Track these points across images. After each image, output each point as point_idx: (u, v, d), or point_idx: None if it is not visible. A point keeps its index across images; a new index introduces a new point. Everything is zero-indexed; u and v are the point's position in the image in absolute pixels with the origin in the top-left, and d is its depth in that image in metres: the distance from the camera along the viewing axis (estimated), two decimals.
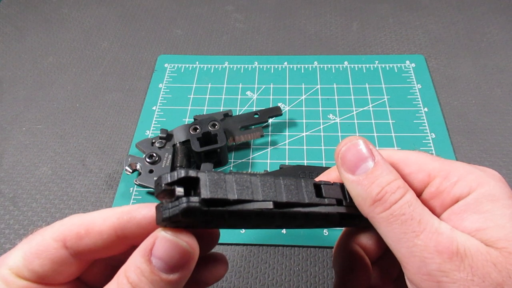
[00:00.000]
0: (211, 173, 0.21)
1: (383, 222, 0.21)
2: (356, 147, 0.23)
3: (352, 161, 0.23)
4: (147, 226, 0.22)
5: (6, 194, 0.42)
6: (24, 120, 0.49)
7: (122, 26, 0.61)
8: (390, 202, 0.21)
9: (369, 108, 0.48)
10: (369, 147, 0.23)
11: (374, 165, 0.22)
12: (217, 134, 0.41)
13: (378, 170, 0.22)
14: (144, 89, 0.52)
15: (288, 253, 0.37)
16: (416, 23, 0.59)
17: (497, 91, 0.49)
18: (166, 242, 0.20)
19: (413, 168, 0.24)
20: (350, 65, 0.53)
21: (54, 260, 0.22)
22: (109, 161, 0.45)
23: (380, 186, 0.21)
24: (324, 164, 0.43)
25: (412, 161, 0.24)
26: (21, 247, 0.22)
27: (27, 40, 0.60)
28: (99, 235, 0.22)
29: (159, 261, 0.20)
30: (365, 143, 0.23)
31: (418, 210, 0.21)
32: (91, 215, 0.22)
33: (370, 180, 0.22)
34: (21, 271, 0.21)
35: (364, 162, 0.22)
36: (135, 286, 0.20)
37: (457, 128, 0.46)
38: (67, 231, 0.22)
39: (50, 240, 0.22)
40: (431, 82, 0.50)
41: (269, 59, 0.55)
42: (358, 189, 0.22)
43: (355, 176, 0.22)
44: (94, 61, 0.56)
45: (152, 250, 0.20)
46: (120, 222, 0.22)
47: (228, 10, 0.63)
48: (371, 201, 0.21)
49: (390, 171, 0.22)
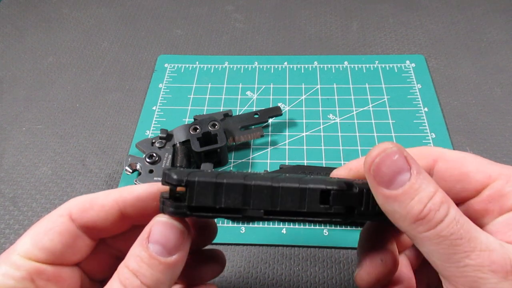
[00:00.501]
0: (206, 176, 0.21)
1: (428, 241, 0.19)
2: (391, 157, 0.20)
3: (387, 175, 0.20)
4: (146, 199, 0.23)
5: (6, 194, 0.42)
6: (24, 120, 0.49)
7: (122, 26, 0.61)
8: (436, 221, 0.19)
9: (369, 108, 0.48)
10: (405, 156, 0.20)
11: (412, 177, 0.20)
12: (217, 134, 0.41)
13: (417, 183, 0.20)
14: (144, 89, 0.52)
15: (288, 253, 0.37)
16: (416, 23, 0.59)
17: (497, 91, 0.49)
18: (162, 224, 0.21)
19: (471, 167, 0.23)
20: (350, 65, 0.53)
21: (62, 233, 0.22)
22: (109, 161, 0.45)
23: (422, 203, 0.19)
24: (324, 164, 0.43)
25: (469, 160, 0.23)
26: (28, 232, 0.22)
27: (27, 40, 0.60)
28: (102, 207, 0.23)
29: (157, 246, 0.21)
30: (400, 152, 0.20)
31: (466, 227, 0.19)
32: (95, 193, 0.24)
33: (409, 195, 0.20)
34: (31, 252, 0.21)
35: (401, 175, 0.20)
36: (136, 272, 0.20)
37: (457, 128, 0.46)
38: (72, 205, 0.23)
39: (56, 216, 0.23)
40: (431, 82, 0.50)
41: (269, 59, 0.55)
42: (395, 206, 0.20)
43: (391, 191, 0.20)
44: (94, 61, 0.56)
45: (148, 237, 0.21)
46: (121, 195, 0.23)
47: (228, 10, 0.63)
48: (412, 220, 0.19)
49: (429, 182, 0.20)
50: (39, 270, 0.22)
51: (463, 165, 0.23)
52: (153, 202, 0.23)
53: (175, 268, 0.21)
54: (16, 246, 0.22)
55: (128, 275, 0.20)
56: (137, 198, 0.23)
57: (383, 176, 0.20)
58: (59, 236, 0.22)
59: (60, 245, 0.22)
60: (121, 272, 0.21)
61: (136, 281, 0.20)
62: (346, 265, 0.36)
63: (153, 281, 0.20)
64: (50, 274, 0.22)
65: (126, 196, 0.23)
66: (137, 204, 0.23)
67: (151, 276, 0.20)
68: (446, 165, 0.23)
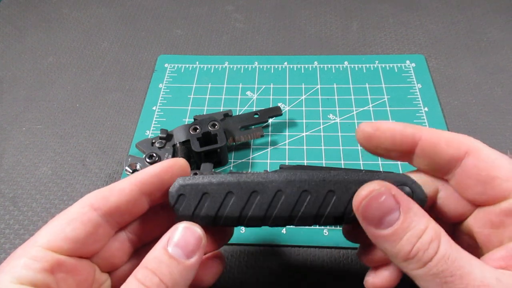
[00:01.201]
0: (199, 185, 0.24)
1: (419, 278, 0.20)
2: (378, 199, 0.20)
3: (376, 216, 0.20)
4: (162, 175, 0.24)
5: (6, 194, 0.42)
6: (24, 120, 0.49)
7: (122, 26, 0.61)
8: (425, 260, 0.19)
9: (369, 108, 0.48)
10: (393, 194, 0.20)
11: (401, 217, 0.20)
12: (217, 134, 0.41)
13: (406, 222, 0.20)
14: (144, 89, 0.52)
15: (288, 253, 0.37)
16: (416, 23, 0.59)
17: (498, 90, 0.49)
18: (183, 229, 0.23)
19: (501, 173, 0.21)
20: (350, 65, 0.53)
21: (85, 222, 0.23)
22: (109, 161, 0.45)
23: (411, 243, 0.19)
24: (324, 164, 0.42)
25: (502, 165, 0.22)
26: (48, 225, 0.23)
27: (27, 40, 0.60)
28: (122, 191, 0.24)
29: (176, 248, 0.22)
30: (387, 192, 0.20)
31: (458, 263, 0.19)
32: (111, 184, 0.25)
33: (398, 235, 0.20)
34: (53, 243, 0.22)
35: (390, 215, 0.20)
36: (155, 271, 0.21)
37: (458, 128, 0.46)
38: (91, 196, 0.24)
39: (78, 208, 0.23)
40: (431, 82, 0.50)
41: (269, 59, 0.55)
42: (385, 245, 0.20)
43: (380, 231, 0.20)
44: (94, 61, 0.56)
45: (168, 242, 0.22)
46: (137, 177, 0.24)
47: (228, 10, 0.63)
48: (402, 259, 0.20)
49: (420, 218, 0.20)
50: (60, 262, 0.22)
51: (494, 168, 0.22)
52: (168, 176, 0.24)
53: (192, 270, 0.22)
54: (36, 238, 0.22)
55: (147, 273, 0.21)
56: (154, 175, 0.24)
57: (371, 218, 0.20)
58: (82, 226, 0.23)
59: (84, 234, 0.23)
60: (140, 272, 0.21)
61: (155, 278, 0.21)
62: (346, 265, 0.36)
63: (171, 281, 0.21)
64: (69, 266, 0.22)
65: (142, 176, 0.24)
66: (154, 181, 0.24)
67: (170, 276, 0.21)
68: (476, 162, 0.22)
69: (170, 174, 0.25)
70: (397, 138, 0.24)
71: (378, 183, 0.21)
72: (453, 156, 0.23)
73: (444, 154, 0.23)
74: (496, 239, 0.22)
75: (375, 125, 0.24)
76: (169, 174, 0.25)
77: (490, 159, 0.22)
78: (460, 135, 0.23)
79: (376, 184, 0.21)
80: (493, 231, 0.22)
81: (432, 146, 0.23)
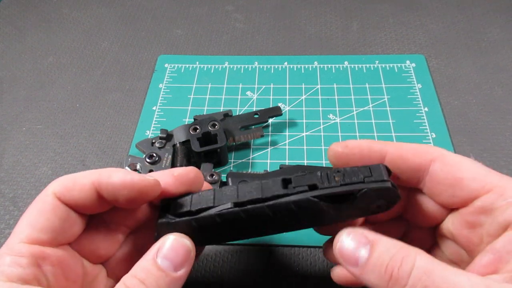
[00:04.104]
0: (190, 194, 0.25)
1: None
2: (345, 242, 0.22)
3: (351, 255, 0.22)
4: (120, 188, 0.23)
5: (6, 194, 0.42)
6: (24, 120, 0.49)
7: (122, 26, 0.61)
8: (403, 277, 0.19)
9: (369, 108, 0.48)
10: (358, 234, 0.22)
11: (369, 250, 0.21)
12: (217, 134, 0.41)
13: (375, 252, 0.21)
14: (144, 89, 0.52)
15: (288, 253, 0.37)
16: (416, 23, 0.59)
17: (498, 90, 0.49)
18: (173, 241, 0.23)
19: (467, 174, 0.22)
20: (350, 65, 0.53)
21: (54, 210, 0.23)
22: (109, 161, 0.45)
23: (383, 265, 0.20)
24: (324, 164, 0.42)
25: (467, 167, 0.23)
26: (22, 219, 0.23)
27: (27, 40, 0.60)
28: (82, 187, 0.23)
29: (165, 260, 0.22)
30: (352, 234, 0.22)
31: (442, 277, 0.19)
32: (79, 172, 0.24)
33: (373, 264, 0.21)
34: (32, 235, 0.22)
35: (360, 252, 0.21)
36: (143, 281, 0.21)
37: (458, 128, 0.46)
38: (55, 185, 0.24)
39: (43, 197, 0.23)
40: (431, 82, 0.50)
41: (269, 59, 0.55)
42: (369, 278, 0.21)
43: (357, 268, 0.21)
44: (94, 61, 0.56)
45: (157, 253, 0.22)
46: (99, 178, 0.23)
47: (228, 10, 0.63)
48: (385, 283, 0.20)
49: (387, 245, 0.21)
50: (44, 254, 0.22)
51: (459, 170, 0.23)
52: (125, 191, 0.23)
53: (179, 282, 0.23)
54: (14, 235, 0.22)
55: (135, 282, 0.21)
56: (112, 185, 0.23)
57: (348, 259, 0.22)
58: (53, 214, 0.23)
59: (58, 222, 0.23)
60: (129, 280, 0.22)
61: (143, 287, 0.21)
62: None
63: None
64: (53, 258, 0.22)
65: (103, 180, 0.23)
66: (111, 190, 0.24)
67: (157, 287, 0.21)
68: (442, 167, 0.23)
69: (127, 190, 0.24)
70: (365, 154, 0.25)
71: (343, 232, 0.23)
72: (420, 164, 0.24)
73: (411, 164, 0.24)
74: (476, 238, 0.23)
75: (344, 143, 0.26)
76: (126, 190, 0.24)
77: (454, 162, 0.23)
78: (424, 145, 0.25)
79: (341, 233, 0.23)
80: (471, 231, 0.23)
81: (399, 157, 0.24)
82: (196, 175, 0.26)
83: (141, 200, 0.24)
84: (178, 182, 0.25)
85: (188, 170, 0.26)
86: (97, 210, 0.24)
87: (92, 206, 0.24)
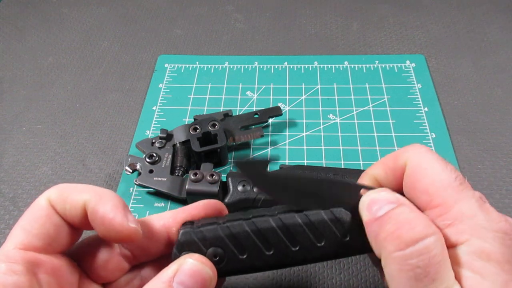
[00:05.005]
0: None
1: (392, 263, 0.19)
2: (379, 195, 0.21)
3: (376, 207, 0.20)
4: (99, 222, 0.22)
5: (6, 194, 0.42)
6: (24, 120, 0.49)
7: (122, 26, 0.61)
8: (407, 240, 0.18)
9: (369, 108, 0.48)
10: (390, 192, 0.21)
11: (399, 206, 0.20)
12: (217, 134, 0.41)
13: (404, 207, 0.20)
14: (144, 89, 0.52)
15: None
16: (416, 23, 0.59)
17: (498, 90, 0.49)
18: (192, 266, 0.21)
19: (421, 184, 0.21)
20: (350, 65, 0.53)
21: (49, 216, 0.23)
22: (109, 161, 0.45)
23: (405, 219, 0.19)
24: (324, 164, 0.42)
25: (427, 175, 0.21)
26: (16, 226, 0.23)
27: (27, 40, 0.60)
28: (75, 203, 0.23)
29: (181, 287, 0.20)
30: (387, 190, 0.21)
31: (437, 267, 0.18)
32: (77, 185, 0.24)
33: (392, 217, 0.20)
34: (26, 241, 0.22)
35: (389, 205, 0.20)
36: None
37: (458, 128, 0.46)
38: (53, 192, 0.23)
39: (38, 205, 0.23)
40: (431, 82, 0.50)
41: (269, 59, 0.55)
42: (376, 228, 0.20)
43: (377, 219, 0.20)
44: (94, 61, 0.56)
45: (174, 277, 0.20)
46: (88, 200, 0.23)
47: (228, 10, 0.63)
48: (386, 234, 0.19)
49: (417, 212, 0.20)
50: (38, 261, 0.22)
51: (417, 180, 0.22)
52: (101, 227, 0.23)
53: None
54: (9, 240, 0.22)
55: None
56: (94, 214, 0.23)
57: (375, 210, 0.20)
58: (48, 220, 0.22)
59: (52, 228, 0.23)
60: None
61: None
62: (346, 265, 0.36)
63: None
64: (49, 266, 0.22)
65: (89, 205, 0.23)
66: (92, 219, 0.23)
67: None
68: (408, 173, 0.22)
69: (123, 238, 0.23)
70: None
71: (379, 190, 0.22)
72: (395, 168, 0.23)
73: (392, 166, 0.23)
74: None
75: None
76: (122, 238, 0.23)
77: (418, 171, 0.22)
78: (408, 146, 0.23)
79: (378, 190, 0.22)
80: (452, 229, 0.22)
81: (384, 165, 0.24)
82: (221, 207, 0.26)
83: (118, 241, 0.23)
84: (204, 209, 0.25)
85: (214, 201, 0.25)
86: (88, 228, 0.24)
87: (82, 224, 0.23)
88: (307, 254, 0.23)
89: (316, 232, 0.22)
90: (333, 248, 0.23)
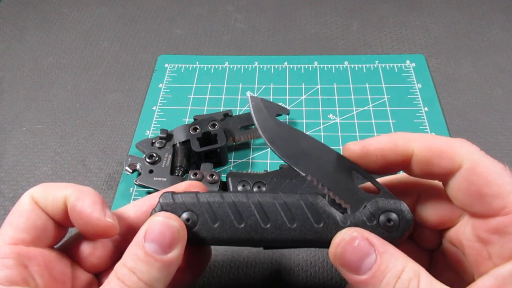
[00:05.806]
0: None
1: None
2: (352, 244, 0.21)
3: (353, 261, 0.21)
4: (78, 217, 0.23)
5: (6, 194, 0.42)
6: (24, 120, 0.49)
7: (122, 26, 0.61)
8: None
9: (369, 108, 0.48)
10: (366, 238, 0.21)
11: (378, 259, 0.20)
12: (217, 134, 0.41)
13: (384, 263, 0.20)
14: (144, 89, 0.52)
15: (288, 253, 0.37)
16: (416, 23, 0.59)
17: (498, 90, 0.49)
18: (158, 223, 0.22)
19: (491, 189, 0.20)
20: (350, 65, 0.53)
21: (34, 210, 0.23)
22: (109, 161, 0.45)
23: (390, 284, 0.20)
24: None
25: (494, 180, 0.20)
26: (4, 223, 0.23)
27: (27, 40, 0.60)
28: (55, 199, 0.23)
29: (153, 244, 0.21)
30: (361, 236, 0.21)
31: None
32: (59, 183, 0.24)
33: (378, 278, 0.20)
34: (15, 236, 0.22)
35: (366, 259, 0.20)
36: (133, 269, 0.21)
37: (458, 128, 0.46)
38: (35, 190, 0.24)
39: (22, 202, 0.23)
40: (431, 82, 0.50)
41: (269, 59, 0.55)
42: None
43: (360, 276, 0.20)
44: (94, 61, 0.56)
45: (145, 237, 0.21)
46: (68, 195, 0.23)
47: (228, 10, 0.63)
48: None
49: (396, 258, 0.20)
50: (28, 254, 0.22)
51: (485, 185, 0.21)
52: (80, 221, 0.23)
53: (171, 266, 0.22)
54: (0, 233, 0.22)
55: (125, 271, 0.21)
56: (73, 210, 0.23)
57: (349, 264, 0.21)
58: (34, 214, 0.23)
59: (39, 221, 0.23)
60: (119, 270, 0.21)
61: (133, 277, 0.21)
62: None
63: (150, 278, 0.21)
64: (40, 259, 0.23)
65: (69, 200, 0.23)
66: (71, 214, 0.23)
67: (148, 273, 0.21)
68: (469, 176, 0.21)
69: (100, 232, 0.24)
70: (388, 159, 0.23)
71: (349, 228, 0.21)
72: (445, 169, 0.22)
73: (437, 168, 0.22)
74: (486, 254, 0.21)
75: (362, 144, 0.23)
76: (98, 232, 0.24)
77: (483, 172, 0.21)
78: (455, 142, 0.22)
79: (348, 229, 0.22)
80: (481, 245, 0.21)
81: (424, 162, 0.22)
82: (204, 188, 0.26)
83: (96, 236, 0.24)
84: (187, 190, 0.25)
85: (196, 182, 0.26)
86: (71, 224, 0.24)
87: (64, 219, 0.24)
88: (278, 234, 0.23)
89: (289, 213, 0.23)
90: (305, 233, 0.23)
